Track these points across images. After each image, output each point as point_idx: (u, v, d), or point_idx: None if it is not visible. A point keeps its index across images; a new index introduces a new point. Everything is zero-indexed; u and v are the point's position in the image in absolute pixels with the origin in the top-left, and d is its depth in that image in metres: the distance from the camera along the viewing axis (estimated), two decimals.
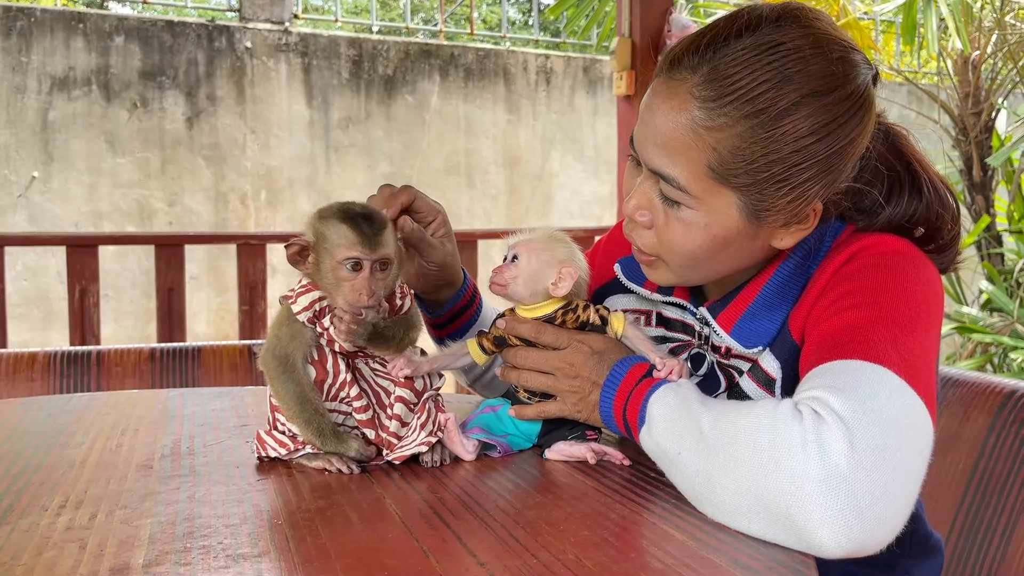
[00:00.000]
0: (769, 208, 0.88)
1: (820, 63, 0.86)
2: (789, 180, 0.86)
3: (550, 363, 0.95)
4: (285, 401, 0.95)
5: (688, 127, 0.87)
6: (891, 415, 0.76)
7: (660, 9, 3.37)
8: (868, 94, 0.88)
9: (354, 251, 0.91)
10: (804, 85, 0.85)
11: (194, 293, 4.34)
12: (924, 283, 0.90)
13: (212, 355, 1.84)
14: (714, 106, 0.85)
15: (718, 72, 0.86)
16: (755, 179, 0.86)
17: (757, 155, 0.85)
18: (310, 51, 4.97)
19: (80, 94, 4.49)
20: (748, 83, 0.85)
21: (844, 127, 0.86)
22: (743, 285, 0.97)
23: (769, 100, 0.84)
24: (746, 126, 0.85)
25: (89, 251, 2.99)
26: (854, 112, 0.87)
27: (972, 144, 4.61)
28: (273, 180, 4.91)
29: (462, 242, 3.29)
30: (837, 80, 0.86)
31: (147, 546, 0.73)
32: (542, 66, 5.55)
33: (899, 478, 0.74)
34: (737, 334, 0.96)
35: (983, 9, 4.72)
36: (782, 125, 0.85)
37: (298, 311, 0.95)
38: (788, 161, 0.86)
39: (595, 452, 0.96)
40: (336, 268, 0.92)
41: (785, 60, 0.85)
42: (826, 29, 0.88)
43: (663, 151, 0.89)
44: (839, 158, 0.87)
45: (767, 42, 0.86)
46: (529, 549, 0.71)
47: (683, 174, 0.88)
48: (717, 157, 0.86)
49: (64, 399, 1.38)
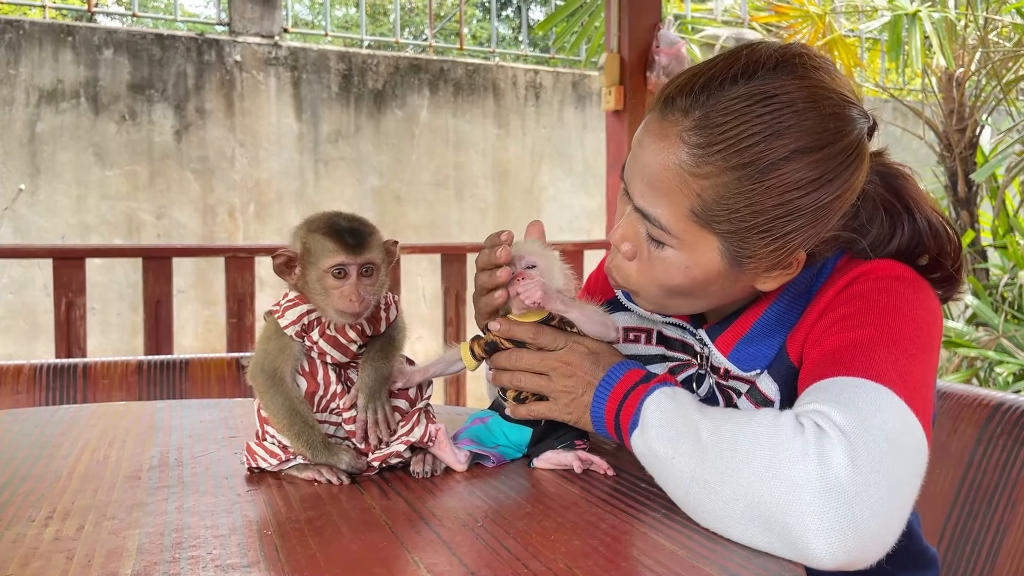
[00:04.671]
0: (751, 256, 0.88)
1: (813, 118, 0.84)
2: (772, 231, 0.86)
3: (545, 363, 0.96)
4: (275, 415, 0.95)
5: (675, 170, 0.86)
6: (891, 433, 0.77)
7: (648, 25, 3.40)
8: (861, 148, 0.87)
9: (338, 258, 0.92)
10: (794, 140, 0.84)
11: (182, 306, 4.32)
12: (924, 308, 0.91)
13: (200, 367, 1.83)
14: (702, 153, 0.85)
15: (709, 119, 0.85)
16: (738, 227, 0.86)
17: (741, 205, 0.85)
18: (299, 65, 4.98)
19: (68, 106, 4.48)
20: (737, 134, 0.84)
21: (832, 183, 0.85)
22: (742, 310, 0.97)
23: (757, 153, 0.84)
24: (732, 176, 0.84)
25: (76, 263, 2.97)
26: (844, 167, 0.86)
27: (957, 160, 4.65)
28: (262, 193, 4.90)
29: (451, 255, 3.30)
30: (829, 136, 0.85)
31: (135, 557, 0.72)
32: (531, 81, 5.58)
33: (896, 495, 0.75)
34: (735, 357, 0.96)
35: (967, 27, 4.78)
36: (769, 178, 0.84)
37: (286, 325, 0.95)
38: (772, 213, 0.85)
39: (581, 460, 0.97)
40: (323, 277, 0.92)
41: (777, 113, 0.84)
42: (823, 81, 0.87)
43: (649, 189, 0.89)
44: (825, 211, 0.86)
45: (761, 93, 0.85)
46: (520, 559, 0.71)
47: (666, 215, 0.88)
48: (701, 203, 0.86)
49: (51, 411, 1.37)
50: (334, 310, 0.93)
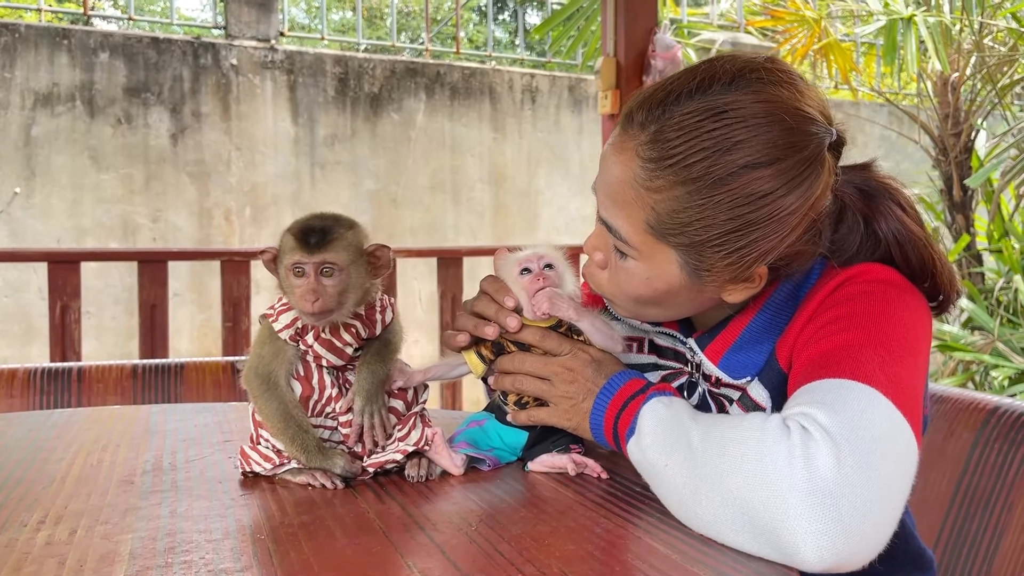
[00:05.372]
0: (708, 269, 0.88)
1: (766, 133, 0.84)
2: (726, 245, 0.86)
3: (548, 368, 0.96)
4: (269, 419, 0.95)
5: (631, 183, 0.88)
6: (877, 433, 0.77)
7: (645, 29, 3.41)
8: (817, 163, 0.85)
9: (295, 256, 0.92)
10: (744, 155, 0.83)
11: (177, 310, 4.31)
12: (912, 311, 0.90)
13: (195, 371, 1.82)
14: (654, 167, 0.86)
15: (662, 134, 0.86)
16: (692, 241, 0.87)
17: (693, 219, 0.86)
18: (296, 68, 4.98)
19: (64, 110, 4.47)
20: (686, 150, 0.85)
21: (786, 197, 0.84)
22: (730, 318, 0.97)
23: (706, 168, 0.84)
24: (683, 191, 0.85)
25: (71, 267, 2.97)
26: (799, 182, 0.84)
27: (952, 164, 4.66)
28: (258, 197, 4.89)
29: (448, 259, 3.30)
30: (781, 151, 0.84)
31: (128, 562, 0.72)
32: (528, 85, 5.58)
33: (884, 495, 0.74)
34: (725, 366, 0.96)
35: (962, 32, 4.79)
36: (718, 193, 0.84)
37: (280, 328, 0.95)
38: (724, 227, 0.85)
39: (576, 463, 0.97)
40: (287, 275, 0.94)
41: (727, 129, 0.84)
42: (779, 95, 0.86)
43: (610, 201, 0.91)
44: (780, 226, 0.85)
45: (713, 108, 0.85)
46: (514, 564, 0.71)
47: (625, 227, 0.90)
48: (656, 216, 0.87)
49: (44, 415, 1.36)
50: (298, 308, 0.94)
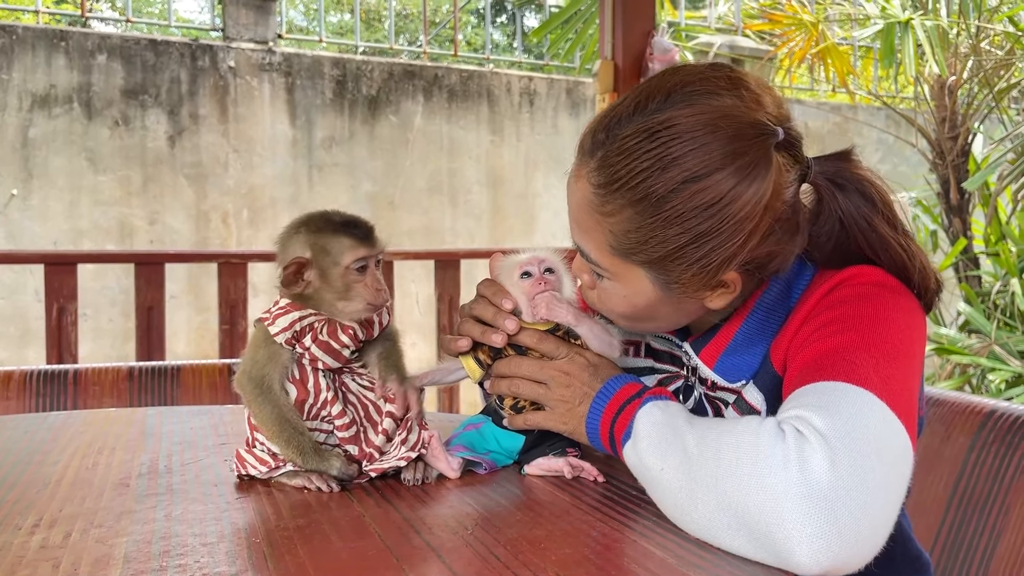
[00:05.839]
0: (676, 282, 0.89)
1: (702, 145, 0.84)
2: (684, 258, 0.87)
3: (545, 372, 0.96)
4: (264, 423, 0.94)
5: (588, 210, 0.90)
6: (872, 435, 0.77)
7: (642, 32, 3.41)
8: (763, 165, 0.84)
9: (360, 251, 0.94)
10: (682, 170, 0.84)
11: (174, 312, 4.30)
12: (906, 313, 0.91)
13: (191, 374, 1.82)
14: (603, 192, 0.88)
15: (607, 160, 0.88)
16: (651, 257, 0.88)
17: (647, 237, 0.87)
18: (294, 71, 4.97)
19: (61, 112, 4.47)
20: (628, 172, 0.86)
21: (732, 205, 0.84)
22: (723, 321, 0.98)
23: (648, 188, 0.85)
24: (632, 212, 0.87)
25: (68, 269, 2.96)
26: (745, 188, 0.84)
27: (949, 168, 4.66)
28: (255, 199, 4.89)
29: (445, 261, 3.29)
30: (720, 160, 0.84)
31: (122, 565, 0.72)
32: (525, 88, 5.58)
33: (879, 497, 0.74)
34: (720, 369, 0.97)
35: (959, 35, 4.80)
36: (664, 210, 0.85)
37: (276, 332, 0.95)
38: (678, 241, 0.86)
39: (572, 466, 0.97)
40: (346, 274, 0.94)
41: (664, 147, 0.85)
42: (715, 106, 0.85)
43: (576, 227, 0.93)
44: (735, 232, 0.85)
45: (648, 128, 0.86)
46: (510, 567, 0.71)
47: (593, 251, 0.92)
48: (614, 238, 0.89)
49: (40, 417, 1.36)
50: (361, 306, 0.94)
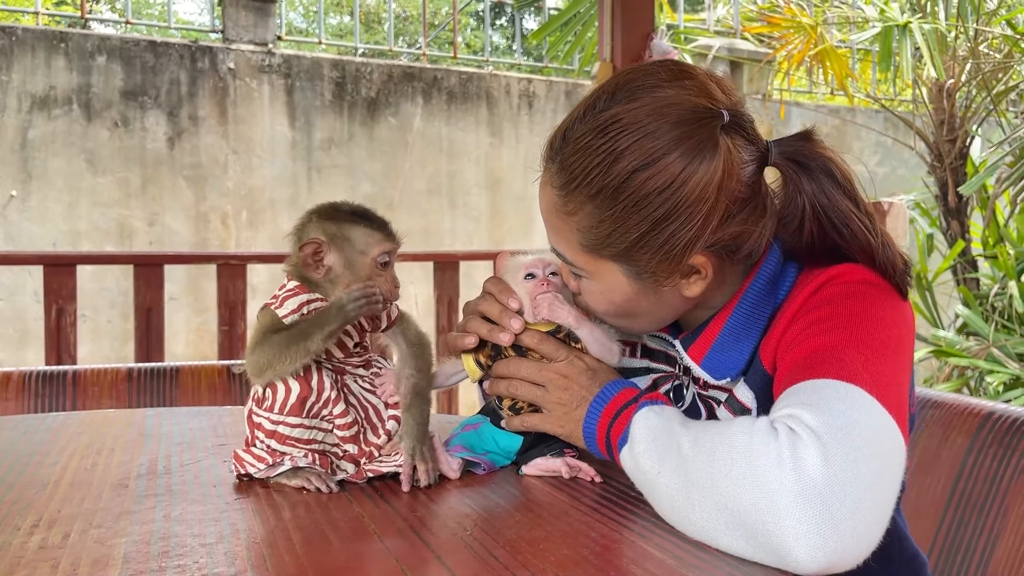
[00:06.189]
0: (646, 271, 0.91)
1: (647, 134, 0.87)
2: (648, 244, 0.89)
3: (543, 374, 0.97)
4: (275, 346, 0.91)
5: (555, 212, 0.93)
6: (864, 432, 0.77)
7: (641, 34, 3.41)
8: (708, 147, 0.87)
9: (386, 245, 0.97)
10: (630, 160, 0.87)
11: (173, 313, 4.30)
12: (894, 309, 0.91)
13: (190, 375, 1.82)
14: (565, 193, 0.91)
15: (565, 162, 0.92)
16: (619, 249, 0.91)
17: (610, 230, 0.90)
18: (293, 72, 4.98)
19: (60, 113, 4.47)
20: (582, 168, 0.90)
21: (683, 187, 0.87)
22: (711, 318, 0.98)
23: (603, 180, 0.88)
24: (592, 207, 0.90)
25: (67, 270, 2.96)
26: (694, 170, 0.86)
27: (947, 170, 4.67)
28: (255, 200, 4.89)
29: (444, 263, 3.29)
30: (665, 146, 0.87)
31: (121, 566, 0.72)
32: (524, 90, 5.59)
33: (873, 493, 0.75)
34: (707, 366, 0.97)
35: (957, 39, 4.80)
36: (620, 201, 0.88)
37: (285, 315, 0.94)
38: (639, 229, 0.89)
39: (570, 467, 0.98)
40: (370, 265, 0.96)
41: (612, 141, 0.88)
42: (658, 97, 0.89)
43: (549, 230, 0.96)
44: (691, 214, 0.87)
45: (597, 125, 0.90)
46: (509, 568, 0.71)
47: (567, 251, 0.95)
48: (582, 235, 0.92)
49: (39, 418, 1.36)
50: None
